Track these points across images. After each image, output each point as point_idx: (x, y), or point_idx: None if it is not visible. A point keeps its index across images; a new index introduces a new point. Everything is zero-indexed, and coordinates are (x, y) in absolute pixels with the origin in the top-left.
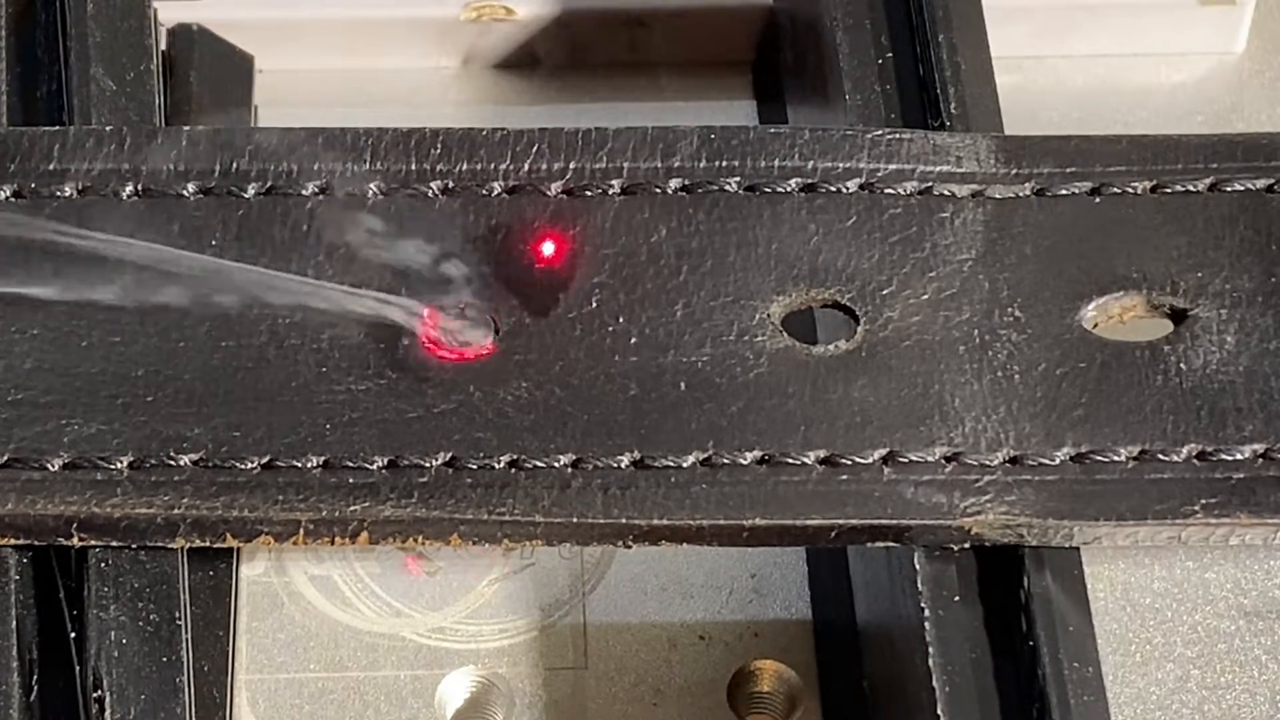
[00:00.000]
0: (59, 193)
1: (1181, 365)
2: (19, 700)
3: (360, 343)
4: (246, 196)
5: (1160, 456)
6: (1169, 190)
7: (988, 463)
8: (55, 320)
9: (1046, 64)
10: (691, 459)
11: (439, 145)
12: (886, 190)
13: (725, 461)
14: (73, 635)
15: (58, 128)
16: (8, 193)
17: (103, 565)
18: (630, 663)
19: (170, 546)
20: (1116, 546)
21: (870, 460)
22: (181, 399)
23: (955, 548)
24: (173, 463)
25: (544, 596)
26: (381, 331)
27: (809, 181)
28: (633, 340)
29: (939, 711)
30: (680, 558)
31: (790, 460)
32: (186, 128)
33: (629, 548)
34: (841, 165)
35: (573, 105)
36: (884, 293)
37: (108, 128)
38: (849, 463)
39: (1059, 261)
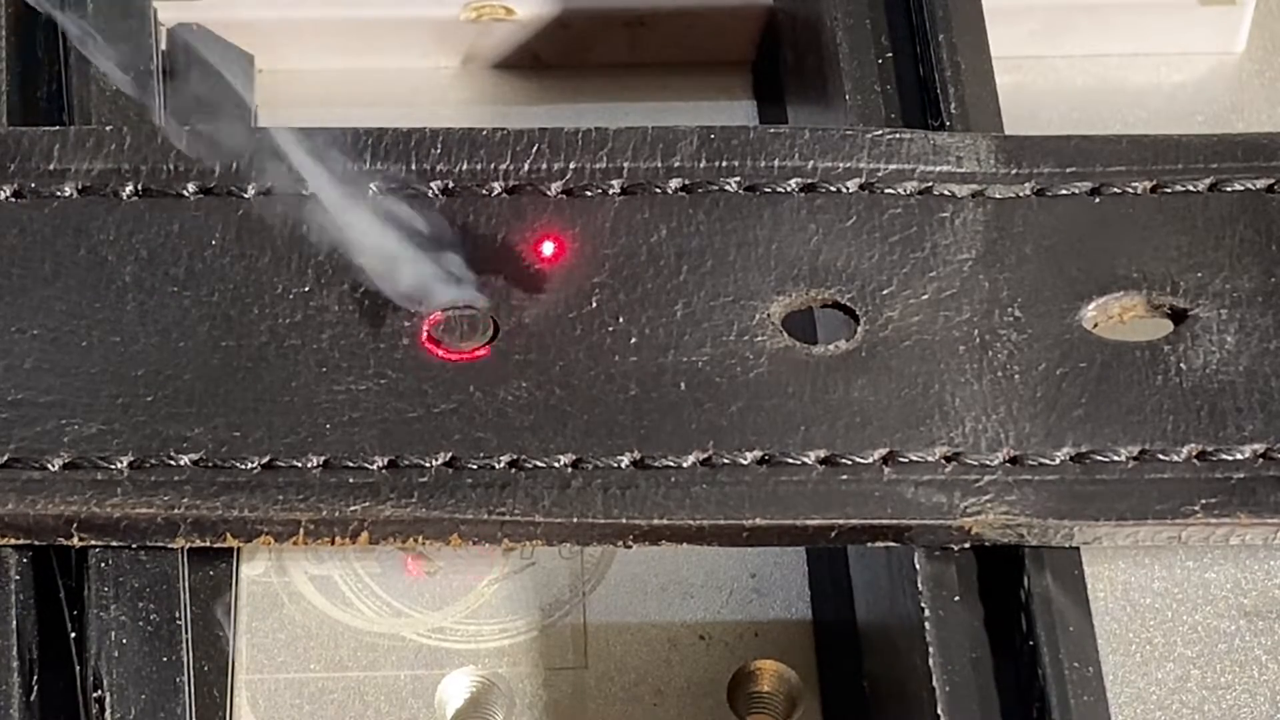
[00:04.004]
0: (59, 193)
1: (1181, 365)
2: (19, 700)
3: (360, 342)
4: (246, 196)
5: (1160, 456)
6: (1169, 190)
7: (988, 463)
8: (55, 320)
9: (1046, 64)
10: (691, 459)
11: (439, 145)
12: (886, 190)
13: (725, 461)
14: (73, 635)
15: (58, 128)
16: (8, 192)
17: (103, 565)
18: (630, 663)
19: (170, 546)
20: (1116, 546)
21: (870, 460)
22: (181, 399)
23: (955, 548)
24: (173, 463)
25: (544, 596)
26: (381, 331)
27: (809, 181)
28: (633, 340)
29: (939, 711)
30: (680, 558)
31: (790, 460)
32: (186, 128)
33: (629, 548)
34: (841, 165)
35: (573, 105)
36: (884, 293)
37: (108, 128)
38: (849, 463)
39: (1059, 261)
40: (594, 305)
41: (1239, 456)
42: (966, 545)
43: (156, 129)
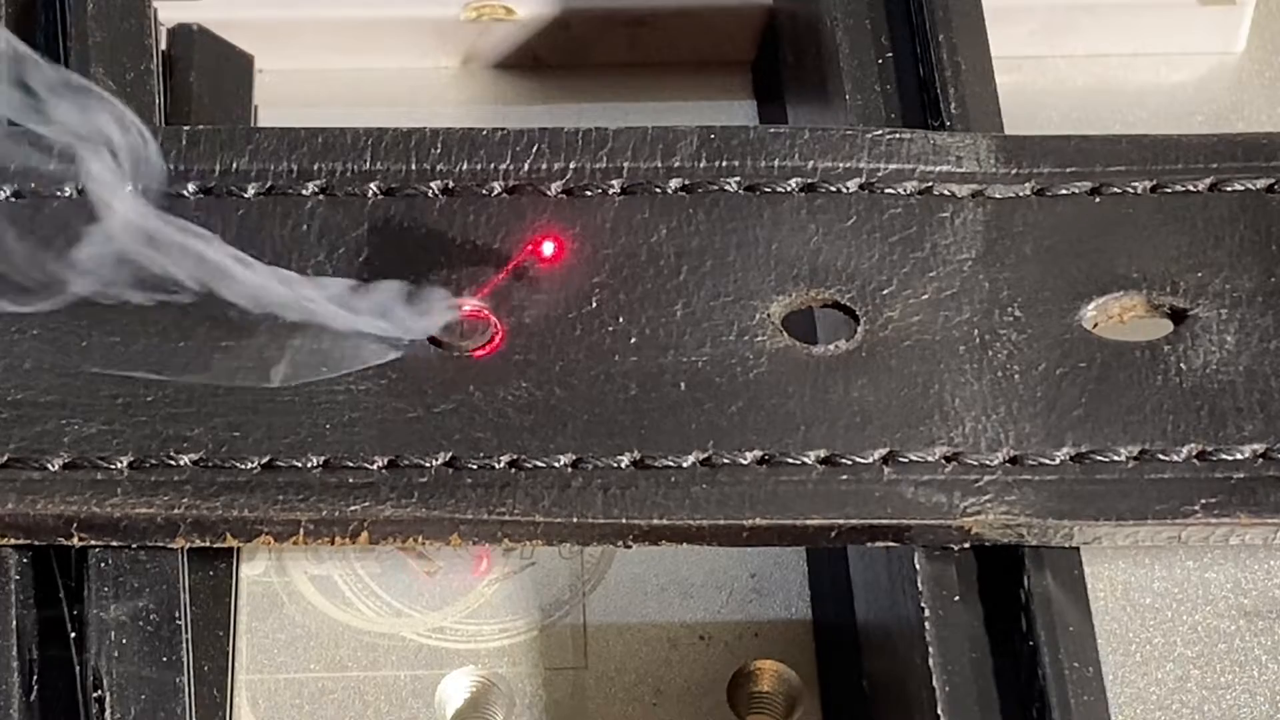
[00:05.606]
0: (59, 192)
1: (1181, 365)
2: (19, 700)
3: None
4: (246, 196)
5: (1160, 456)
6: (1169, 190)
7: (988, 463)
8: (55, 320)
9: (1046, 64)
10: (691, 459)
11: (439, 145)
12: (886, 190)
13: (725, 461)
14: (73, 635)
15: None
16: (8, 192)
17: (103, 565)
18: (630, 663)
19: (170, 546)
20: (1116, 546)
21: (870, 460)
22: (181, 399)
23: (955, 548)
24: (173, 463)
25: (544, 596)
26: None
27: (809, 181)
28: (633, 340)
29: (939, 711)
30: (680, 558)
31: (790, 460)
32: (186, 128)
33: (629, 548)
34: (841, 165)
35: (573, 105)
36: (884, 293)
37: None
38: (849, 463)
39: (1059, 261)
40: (594, 305)
41: (1239, 456)
42: (966, 545)
43: (156, 129)
